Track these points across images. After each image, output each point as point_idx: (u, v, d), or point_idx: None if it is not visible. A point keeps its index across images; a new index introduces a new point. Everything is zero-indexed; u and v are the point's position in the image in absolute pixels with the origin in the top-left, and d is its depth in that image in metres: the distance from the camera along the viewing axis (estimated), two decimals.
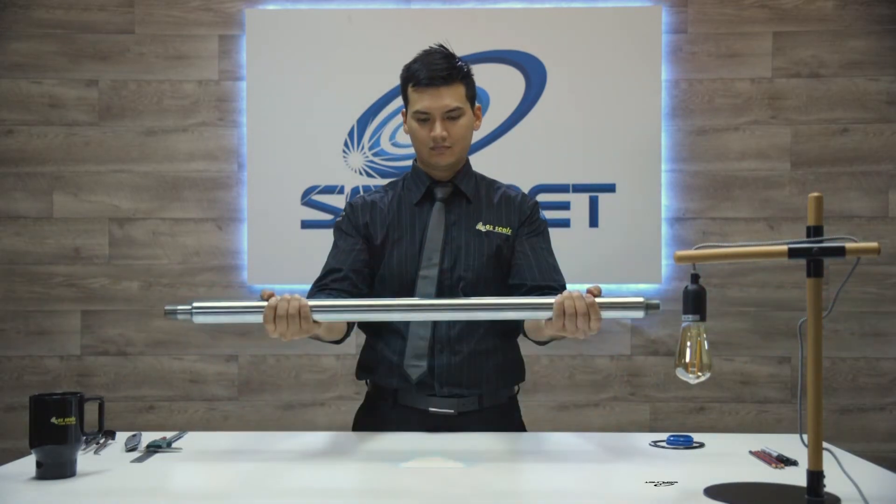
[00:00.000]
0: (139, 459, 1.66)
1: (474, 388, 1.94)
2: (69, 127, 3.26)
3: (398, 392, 1.95)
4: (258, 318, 1.66)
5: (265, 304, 1.65)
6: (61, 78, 3.26)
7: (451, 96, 1.90)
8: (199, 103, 3.26)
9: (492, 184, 2.07)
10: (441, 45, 1.96)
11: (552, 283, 1.94)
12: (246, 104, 3.24)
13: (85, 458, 1.64)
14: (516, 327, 2.03)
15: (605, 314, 1.62)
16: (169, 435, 1.78)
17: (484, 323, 1.95)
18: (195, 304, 1.66)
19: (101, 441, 1.78)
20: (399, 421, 1.93)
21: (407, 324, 1.94)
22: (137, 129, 3.27)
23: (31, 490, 1.45)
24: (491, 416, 1.96)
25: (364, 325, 2.05)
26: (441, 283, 1.94)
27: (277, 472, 1.59)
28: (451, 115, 1.91)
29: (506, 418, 2.00)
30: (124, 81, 3.26)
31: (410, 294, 1.93)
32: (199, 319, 1.66)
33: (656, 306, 1.58)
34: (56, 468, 1.51)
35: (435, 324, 1.93)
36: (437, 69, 1.89)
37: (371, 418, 2.01)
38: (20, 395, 3.22)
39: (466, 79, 1.94)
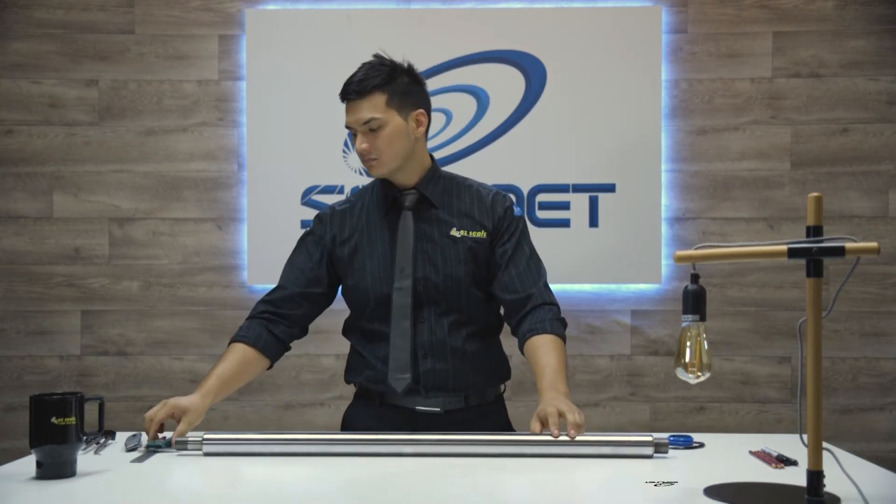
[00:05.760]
0: (139, 459, 1.66)
1: (461, 391, 1.96)
2: (69, 127, 3.26)
3: (384, 394, 1.97)
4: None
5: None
6: (61, 78, 3.26)
7: (366, 108, 1.86)
8: (199, 103, 3.26)
9: (463, 184, 2.02)
10: (376, 55, 1.93)
11: (531, 291, 1.94)
12: (246, 104, 3.24)
13: (85, 458, 1.65)
14: (498, 326, 2.05)
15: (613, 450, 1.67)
16: (169, 435, 1.78)
17: (466, 326, 1.96)
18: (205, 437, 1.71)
19: (101, 441, 1.78)
20: (387, 420, 1.95)
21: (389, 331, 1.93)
22: (137, 129, 3.27)
23: (31, 490, 1.45)
24: (477, 415, 1.97)
25: (349, 331, 2.06)
26: (416, 292, 1.92)
27: (277, 471, 1.59)
28: (371, 127, 1.87)
29: (492, 417, 2.01)
30: (124, 81, 3.26)
31: (387, 308, 1.92)
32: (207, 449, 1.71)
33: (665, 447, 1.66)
34: (56, 468, 1.51)
35: (414, 331, 1.92)
36: (352, 83, 1.87)
37: (359, 418, 2.02)
38: (20, 395, 3.22)
39: (387, 86, 1.87)
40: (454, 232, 1.95)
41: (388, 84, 1.87)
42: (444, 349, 1.93)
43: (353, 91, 1.87)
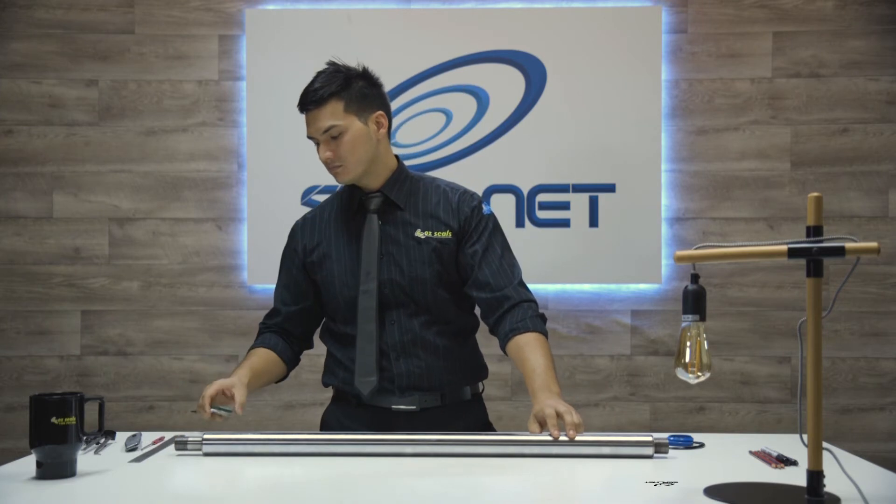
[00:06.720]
0: (139, 459, 1.67)
1: (436, 389, 1.96)
2: (69, 127, 3.26)
3: (360, 395, 1.97)
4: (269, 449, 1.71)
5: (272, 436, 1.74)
6: (61, 78, 3.26)
7: (325, 116, 1.87)
8: (199, 103, 3.26)
9: (430, 184, 2.01)
10: (330, 62, 1.94)
11: (506, 290, 1.93)
12: (246, 104, 3.24)
13: (85, 458, 1.65)
14: (473, 326, 2.05)
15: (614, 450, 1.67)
16: (228, 408, 1.81)
17: (437, 325, 1.96)
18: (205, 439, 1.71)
19: (101, 441, 1.78)
20: (363, 420, 1.96)
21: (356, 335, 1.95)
22: (137, 129, 3.27)
23: (31, 490, 1.45)
24: (454, 413, 1.97)
25: (323, 335, 2.08)
26: (382, 295, 1.93)
27: (277, 471, 1.59)
28: (332, 135, 1.88)
29: (470, 416, 2.01)
30: (124, 81, 3.26)
31: (356, 311, 1.93)
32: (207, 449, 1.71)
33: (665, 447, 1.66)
34: (56, 468, 1.51)
35: (381, 333, 1.93)
36: (309, 93, 1.89)
37: (338, 418, 2.03)
38: (20, 395, 3.22)
39: (343, 92, 1.88)
40: (419, 233, 1.95)
41: (344, 90, 1.89)
42: (416, 348, 1.94)
43: (310, 101, 1.88)
